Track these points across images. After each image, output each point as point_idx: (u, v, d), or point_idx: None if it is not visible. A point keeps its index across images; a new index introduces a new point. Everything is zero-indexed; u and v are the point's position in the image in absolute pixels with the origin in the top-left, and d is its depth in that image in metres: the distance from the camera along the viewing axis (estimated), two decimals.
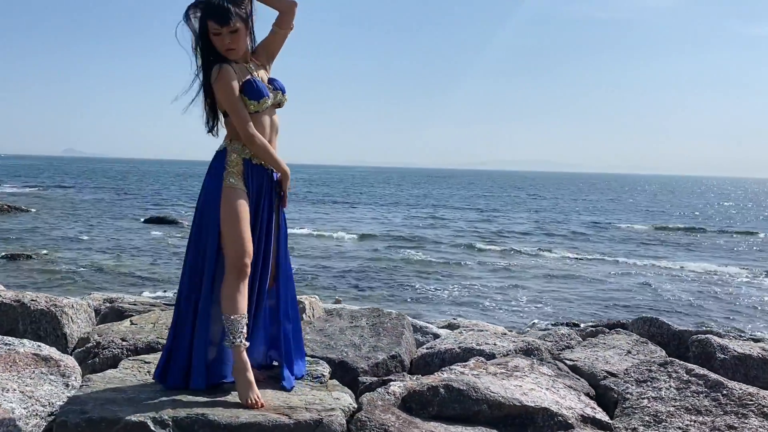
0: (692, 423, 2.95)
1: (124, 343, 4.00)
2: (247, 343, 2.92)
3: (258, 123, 2.93)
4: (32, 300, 4.37)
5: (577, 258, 18.58)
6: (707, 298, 13.27)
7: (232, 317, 2.85)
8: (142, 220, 24.99)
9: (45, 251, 16.04)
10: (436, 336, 4.54)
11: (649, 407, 3.10)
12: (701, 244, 23.86)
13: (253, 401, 2.83)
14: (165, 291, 11.57)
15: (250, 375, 2.89)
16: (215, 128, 3.02)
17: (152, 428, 2.71)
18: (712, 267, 17.30)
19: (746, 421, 2.91)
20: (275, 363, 3.20)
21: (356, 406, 3.02)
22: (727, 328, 8.85)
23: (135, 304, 4.93)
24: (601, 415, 2.93)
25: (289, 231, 3.28)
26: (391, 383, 3.10)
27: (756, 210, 47.09)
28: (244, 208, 2.90)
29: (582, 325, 5.17)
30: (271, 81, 3.05)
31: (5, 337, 3.71)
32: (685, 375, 3.28)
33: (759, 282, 15.50)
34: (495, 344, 3.97)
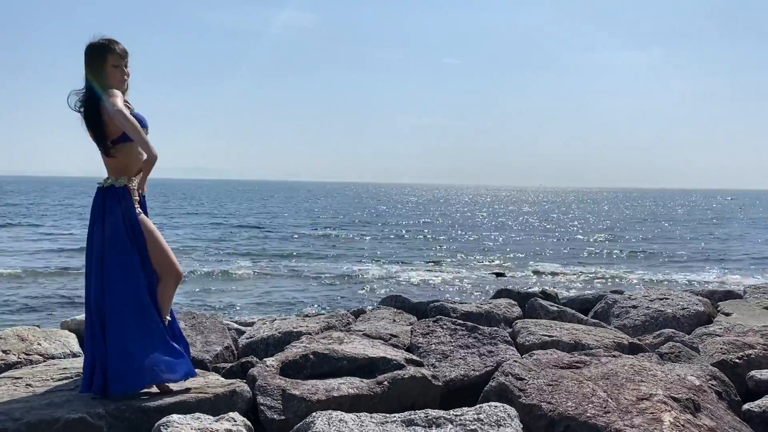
0: (467, 353, 4.37)
1: None
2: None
3: (137, 151, 3.45)
4: None
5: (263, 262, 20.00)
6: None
7: (168, 319, 3.42)
8: None
9: None
10: (239, 331, 5.27)
11: (436, 349, 4.44)
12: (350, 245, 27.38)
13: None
14: None
15: None
16: (112, 149, 3.37)
17: (91, 421, 3.08)
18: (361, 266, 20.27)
19: (498, 347, 4.43)
20: None
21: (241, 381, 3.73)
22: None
23: None
24: (415, 357, 4.16)
25: None
26: (266, 359, 3.88)
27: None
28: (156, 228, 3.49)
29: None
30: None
31: None
32: (452, 326, 4.72)
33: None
34: (307, 326, 4.94)
